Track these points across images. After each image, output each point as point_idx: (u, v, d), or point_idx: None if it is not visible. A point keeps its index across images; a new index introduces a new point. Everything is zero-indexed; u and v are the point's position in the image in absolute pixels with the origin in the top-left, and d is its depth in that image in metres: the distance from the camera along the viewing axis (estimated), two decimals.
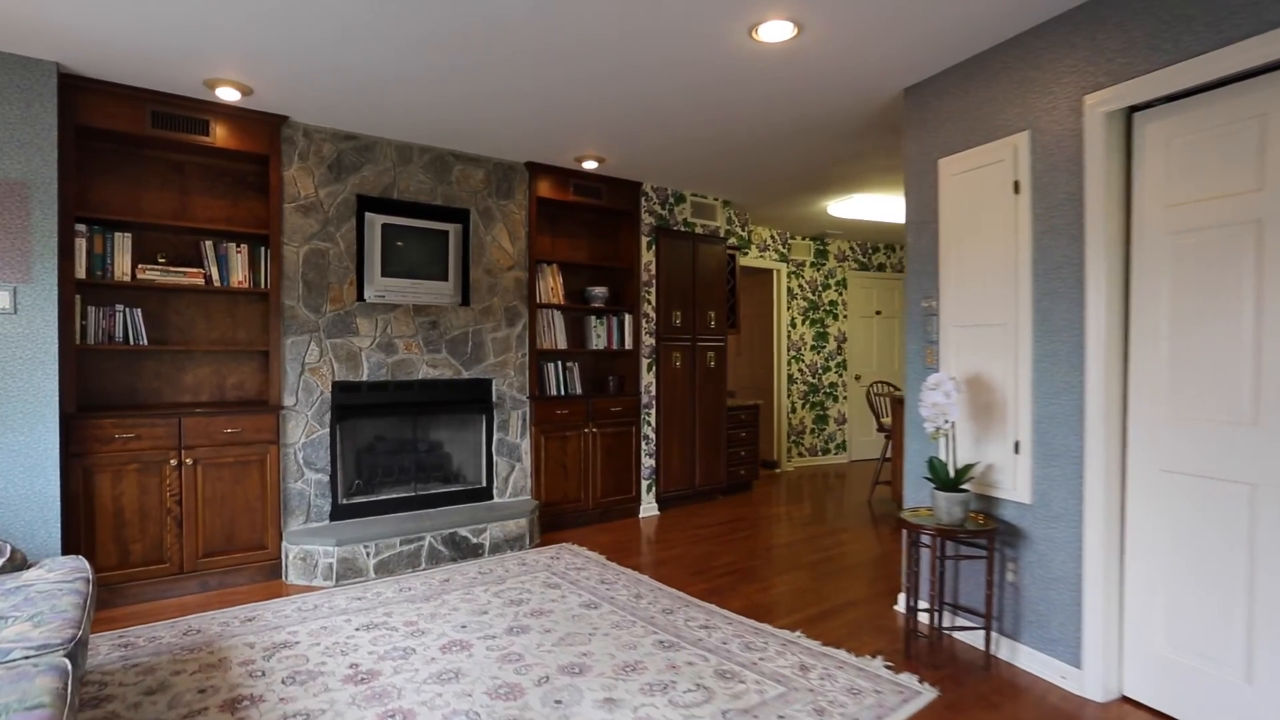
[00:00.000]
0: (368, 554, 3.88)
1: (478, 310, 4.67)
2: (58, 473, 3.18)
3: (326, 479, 4.09)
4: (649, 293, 5.53)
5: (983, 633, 3.04)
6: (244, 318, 4.07)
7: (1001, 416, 2.95)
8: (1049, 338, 2.77)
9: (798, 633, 3.17)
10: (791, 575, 4.03)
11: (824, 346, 8.02)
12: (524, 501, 4.78)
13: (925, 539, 3.27)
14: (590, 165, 4.87)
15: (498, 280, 4.77)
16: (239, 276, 3.88)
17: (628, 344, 5.47)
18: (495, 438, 4.75)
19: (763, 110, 3.86)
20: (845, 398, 8.18)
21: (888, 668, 2.83)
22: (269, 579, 3.85)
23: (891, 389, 6.72)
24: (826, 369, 8.04)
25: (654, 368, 5.58)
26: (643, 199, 5.48)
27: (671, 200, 5.68)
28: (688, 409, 5.80)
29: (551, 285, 5.09)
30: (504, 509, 4.53)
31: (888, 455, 6.22)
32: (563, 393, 5.15)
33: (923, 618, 3.32)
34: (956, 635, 3.16)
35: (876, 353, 8.39)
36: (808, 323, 7.90)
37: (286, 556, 3.82)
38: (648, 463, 5.53)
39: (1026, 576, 2.87)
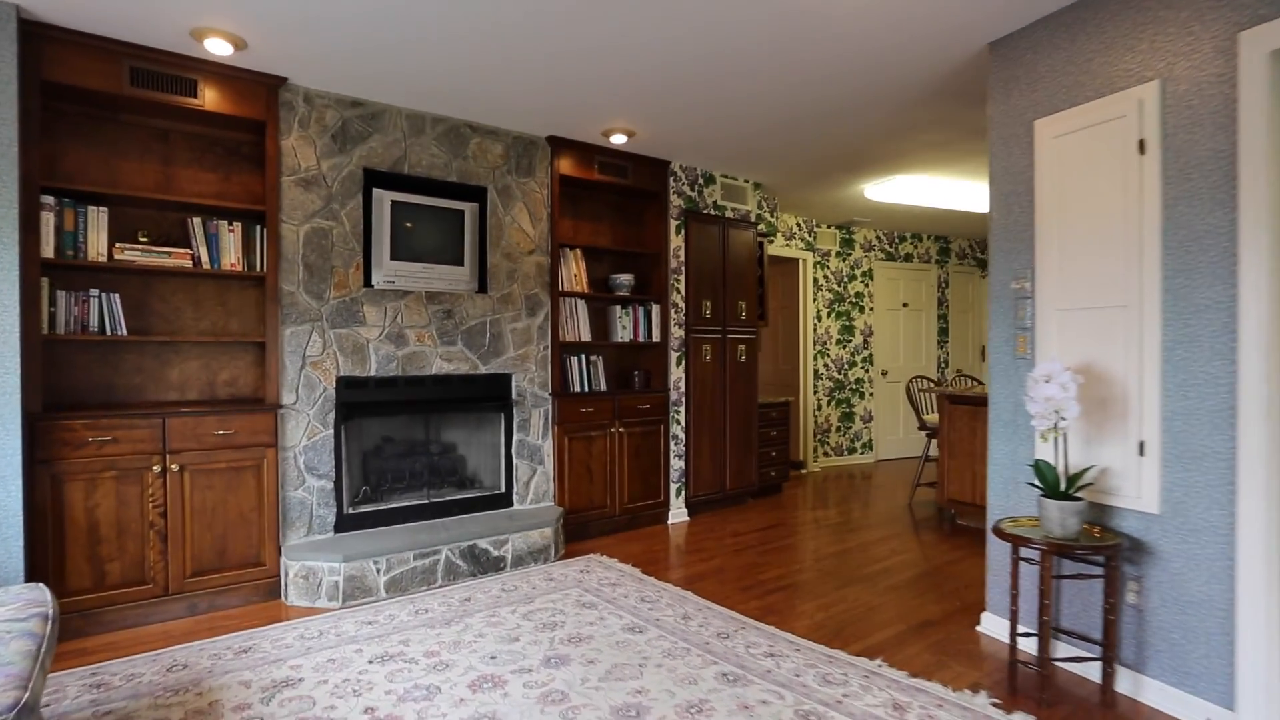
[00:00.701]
0: (378, 570, 3.45)
1: (496, 298, 4.25)
2: (20, 482, 2.73)
3: (330, 486, 3.65)
4: (678, 280, 5.11)
5: (1097, 664, 2.64)
6: (237, 305, 3.63)
7: (1120, 413, 2.54)
8: (1184, 321, 2.37)
9: (878, 661, 2.76)
10: (850, 590, 3.62)
11: (850, 340, 7.62)
12: (547, 509, 4.35)
13: (1029, 553, 2.86)
14: (618, 140, 4.44)
15: (518, 266, 4.34)
16: (231, 258, 3.44)
17: (655, 336, 5.05)
18: (515, 439, 4.33)
19: (820, 78, 3.44)
20: (872, 394, 7.78)
21: (995, 705, 2.42)
22: (267, 600, 3.42)
23: (931, 384, 6.32)
24: (853, 364, 7.64)
25: (683, 361, 5.16)
26: (671, 179, 5.06)
27: (701, 182, 5.26)
28: (718, 406, 5.38)
29: (574, 272, 4.67)
30: (526, 517, 4.10)
31: (930, 455, 5.83)
32: (586, 389, 4.72)
33: (1022, 643, 2.92)
34: (1066, 665, 2.75)
35: (904, 347, 7.99)
36: (833, 315, 7.50)
37: (286, 574, 3.39)
38: (677, 465, 5.11)
39: (1154, 598, 2.46)
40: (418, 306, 3.95)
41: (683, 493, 5.15)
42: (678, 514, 5.09)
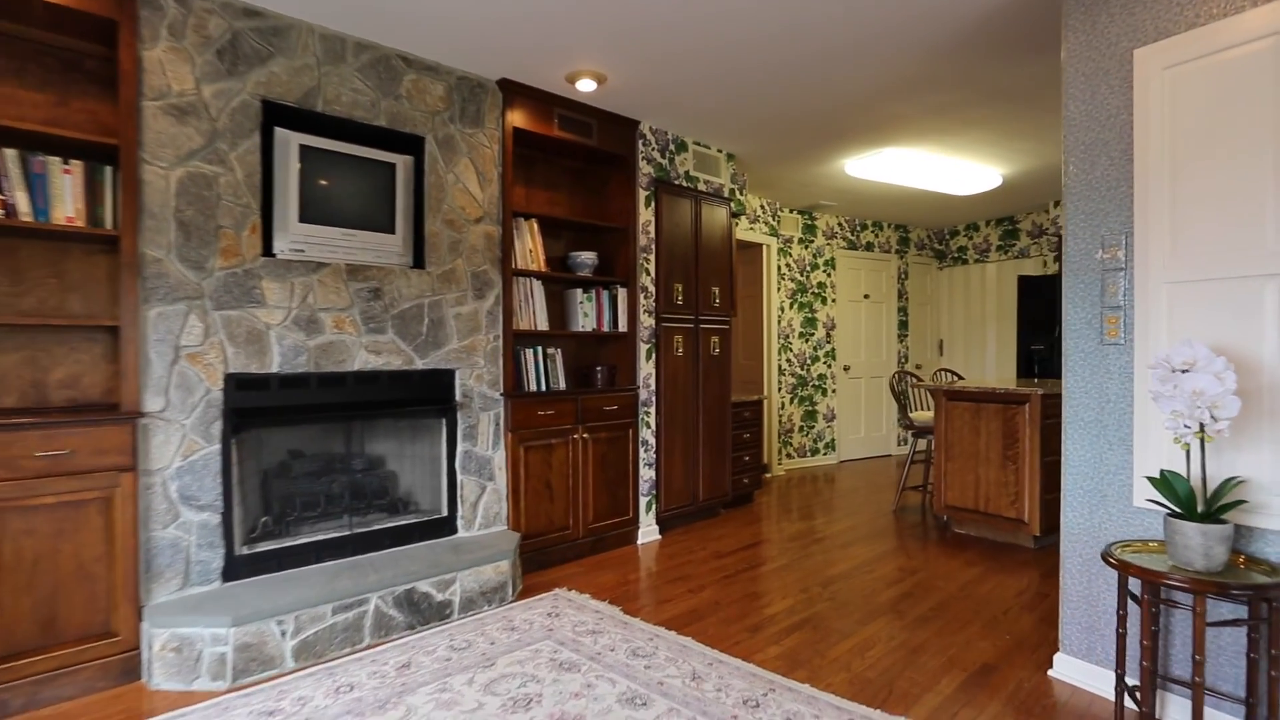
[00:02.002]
0: (283, 633, 2.57)
1: (436, 275, 3.41)
2: None
3: (216, 519, 2.74)
4: (647, 260, 4.40)
5: None
6: (79, 276, 2.66)
7: (1271, 409, 2.02)
8: None
9: None
10: (878, 625, 3.02)
11: (812, 334, 7.13)
12: (500, 535, 3.55)
13: (1134, 586, 2.30)
14: (585, 86, 3.68)
15: (463, 236, 3.52)
16: (68, 209, 2.48)
17: (621, 325, 4.32)
18: (460, 450, 3.50)
19: (820, 17, 2.82)
20: (834, 391, 7.32)
21: None
22: (120, 684, 2.48)
23: (914, 379, 5.85)
24: (815, 359, 7.15)
25: (653, 355, 4.46)
26: (640, 143, 4.34)
27: (673, 148, 4.57)
28: (691, 406, 4.71)
29: (530, 247, 3.88)
30: (476, 548, 3.29)
31: (916, 456, 5.36)
32: (544, 388, 3.95)
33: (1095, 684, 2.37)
34: None
35: (865, 341, 7.57)
36: (796, 306, 6.98)
37: (150, 646, 2.46)
38: (647, 475, 4.40)
39: None
40: (336, 283, 3.08)
41: (653, 507, 4.45)
42: (648, 532, 4.39)
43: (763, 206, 6.57)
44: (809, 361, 7.08)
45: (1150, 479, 2.06)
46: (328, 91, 3.05)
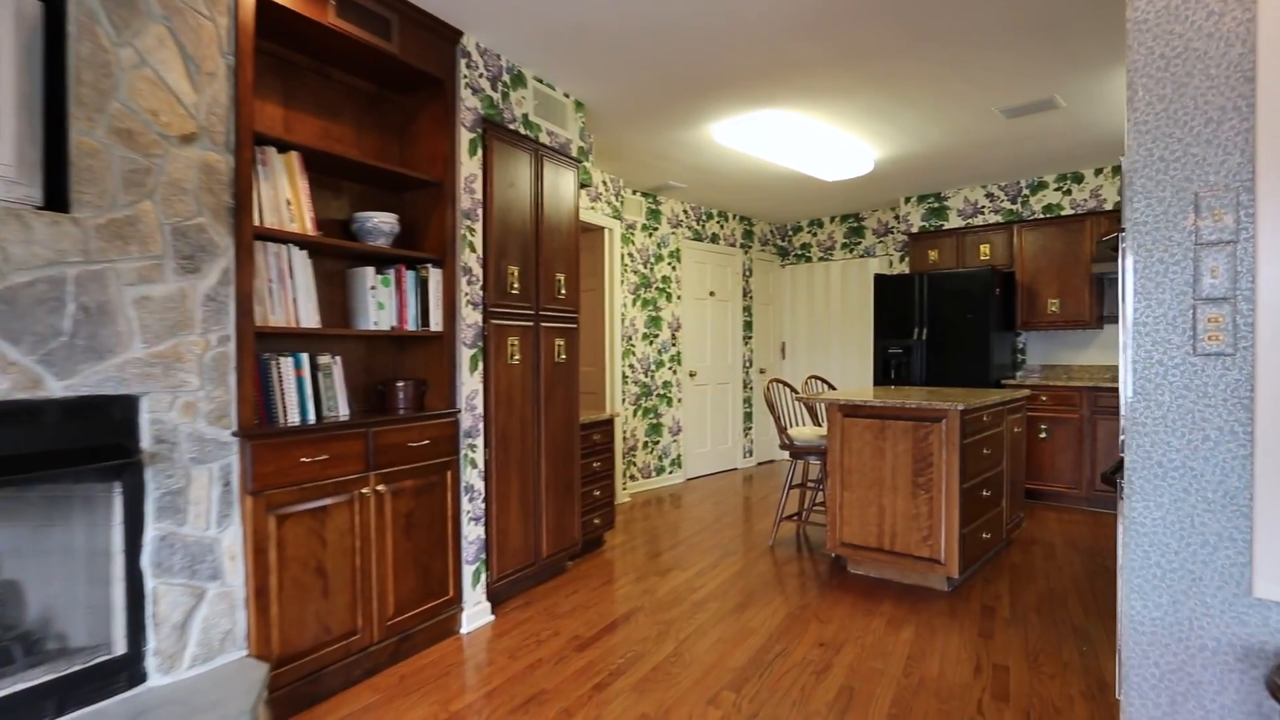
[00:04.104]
0: None
1: (95, 227, 1.89)
2: None
3: None
4: (472, 231, 3.13)
5: None
6: None
7: None
8: None
9: None
10: None
11: (657, 335, 6.21)
12: (232, 672, 2.10)
13: None
14: None
15: (154, 162, 2.02)
16: None
17: (434, 321, 3.01)
18: (153, 535, 2.01)
19: None
20: (680, 401, 6.47)
21: None
22: None
23: (791, 389, 5.10)
24: (660, 363, 6.24)
25: (481, 363, 3.19)
26: (464, 64, 3.06)
27: (507, 80, 3.34)
28: (531, 432, 3.50)
29: (288, 196, 2.45)
30: (183, 707, 1.84)
31: (798, 481, 4.62)
32: (312, 417, 2.54)
33: None
34: None
35: (711, 343, 6.82)
36: (639, 303, 6.02)
37: None
38: (474, 533, 3.13)
39: None
40: None
41: (483, 576, 3.18)
42: (477, 614, 3.12)
43: (605, 183, 5.51)
44: (653, 367, 6.16)
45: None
46: None
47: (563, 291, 3.72)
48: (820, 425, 4.72)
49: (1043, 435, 5.28)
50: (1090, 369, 5.63)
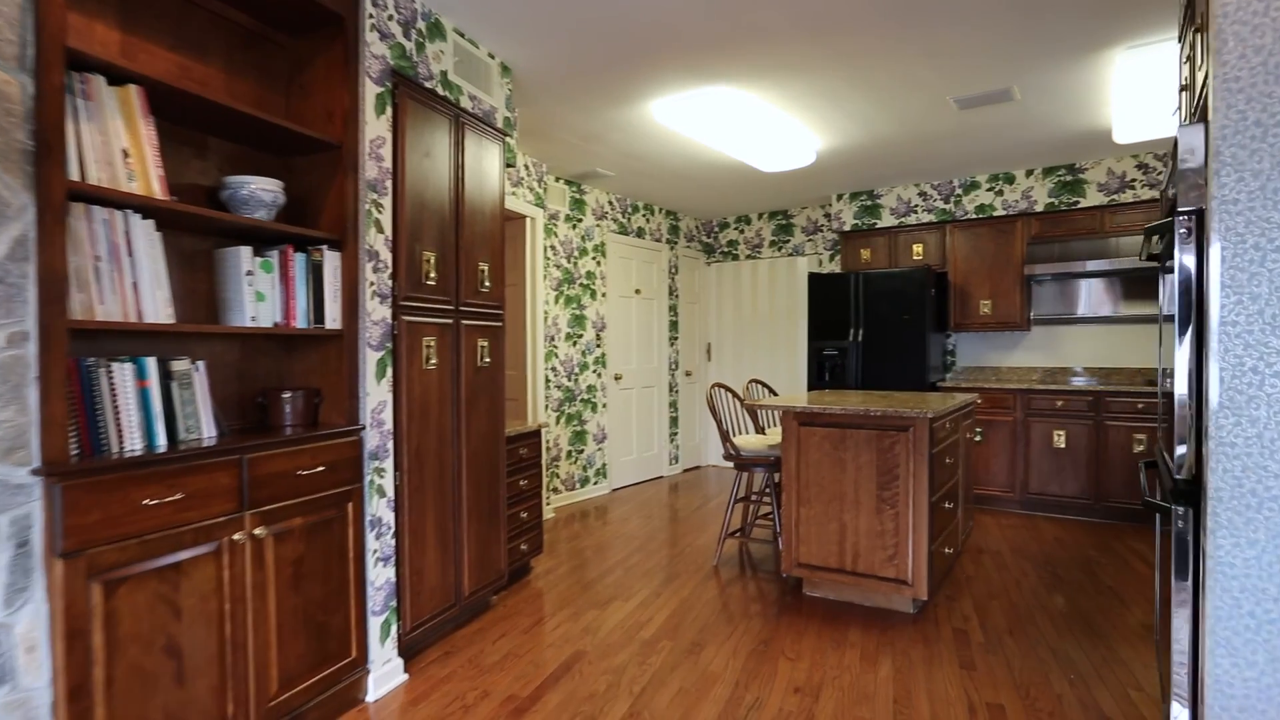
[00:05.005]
0: None
1: None
2: None
3: None
4: (380, 207, 2.55)
5: None
6: None
7: None
8: None
9: None
10: None
11: (581, 335, 5.73)
12: None
13: None
14: None
15: None
16: None
17: (331, 317, 2.42)
18: None
19: None
20: (605, 406, 6.01)
21: None
22: None
23: (733, 394, 4.75)
24: (584, 366, 5.76)
25: (390, 368, 2.62)
26: (370, 3, 2.49)
27: (423, 28, 2.77)
28: (450, 450, 2.95)
29: (125, 145, 1.81)
30: None
31: (744, 494, 4.28)
32: (163, 443, 1.91)
33: None
34: None
35: (636, 344, 6.41)
36: (562, 300, 5.52)
37: None
38: (382, 577, 2.56)
39: None
40: None
41: (394, 627, 2.61)
42: (387, 674, 2.54)
43: (528, 167, 4.98)
44: (577, 370, 5.67)
45: None
46: None
47: (487, 284, 3.19)
48: (765, 433, 4.40)
49: (978, 439, 5.20)
50: (1018, 371, 5.62)
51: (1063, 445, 4.88)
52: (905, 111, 4.02)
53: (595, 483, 5.90)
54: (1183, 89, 2.18)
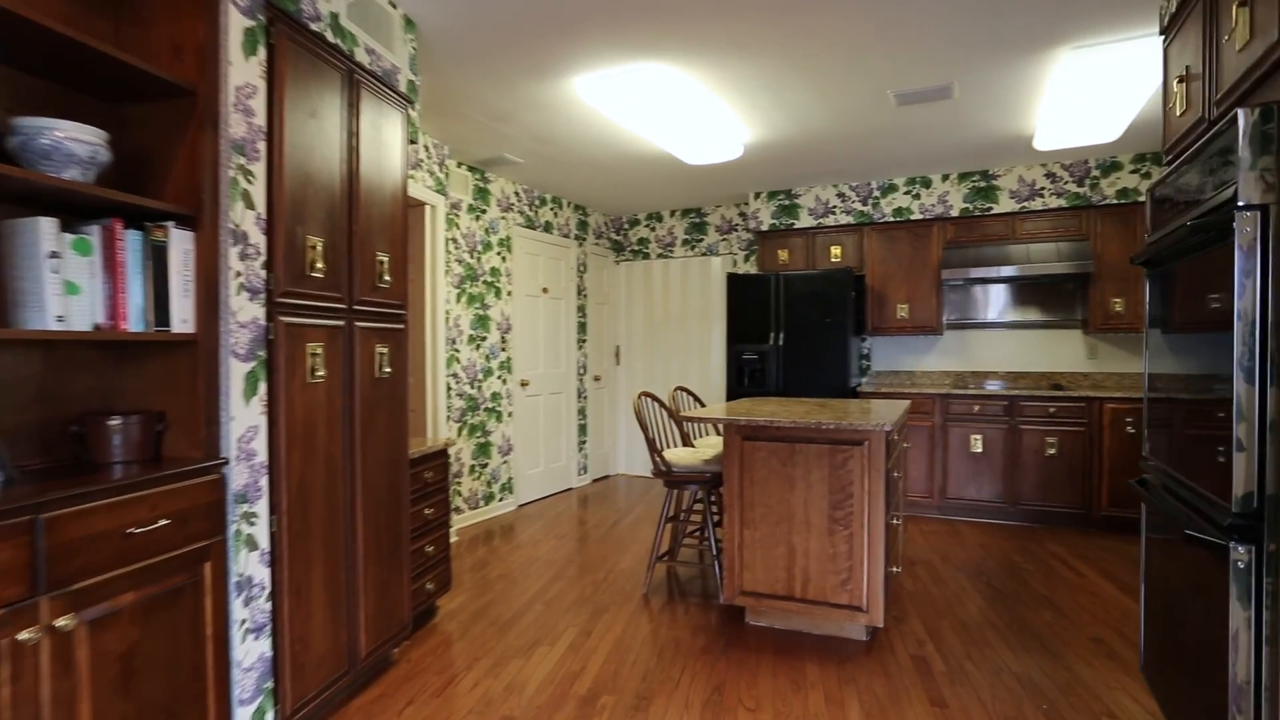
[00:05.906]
0: None
1: None
2: None
3: None
4: (248, 174, 1.98)
5: None
6: None
7: None
8: None
9: None
10: None
11: (485, 337, 5.19)
12: None
13: None
14: None
15: None
16: None
17: (180, 317, 1.83)
18: None
19: None
20: (511, 415, 5.50)
21: None
22: None
23: (659, 402, 4.39)
24: (488, 371, 5.23)
25: (264, 383, 2.05)
26: None
27: None
28: (341, 481, 2.40)
29: None
30: None
31: (674, 513, 3.93)
32: None
33: None
34: None
35: (544, 347, 5.93)
36: (465, 299, 4.97)
37: None
38: (253, 654, 1.98)
39: None
40: None
41: (269, 714, 2.05)
42: None
43: (428, 148, 4.40)
44: (480, 376, 5.14)
45: None
46: None
47: (386, 278, 2.65)
48: (694, 445, 4.07)
49: (906, 445, 5.13)
50: (932, 375, 5.64)
51: (980, 450, 4.89)
52: (844, 104, 3.82)
53: (501, 499, 5.37)
54: (1181, 80, 2.02)
